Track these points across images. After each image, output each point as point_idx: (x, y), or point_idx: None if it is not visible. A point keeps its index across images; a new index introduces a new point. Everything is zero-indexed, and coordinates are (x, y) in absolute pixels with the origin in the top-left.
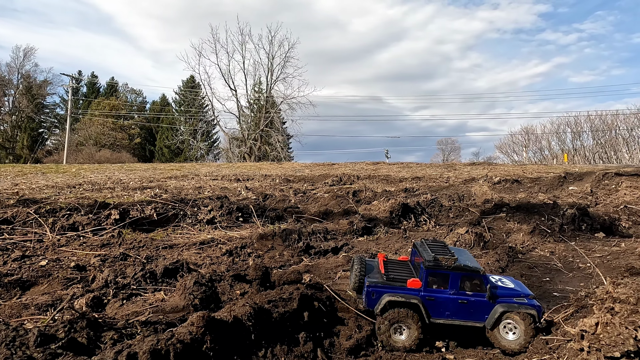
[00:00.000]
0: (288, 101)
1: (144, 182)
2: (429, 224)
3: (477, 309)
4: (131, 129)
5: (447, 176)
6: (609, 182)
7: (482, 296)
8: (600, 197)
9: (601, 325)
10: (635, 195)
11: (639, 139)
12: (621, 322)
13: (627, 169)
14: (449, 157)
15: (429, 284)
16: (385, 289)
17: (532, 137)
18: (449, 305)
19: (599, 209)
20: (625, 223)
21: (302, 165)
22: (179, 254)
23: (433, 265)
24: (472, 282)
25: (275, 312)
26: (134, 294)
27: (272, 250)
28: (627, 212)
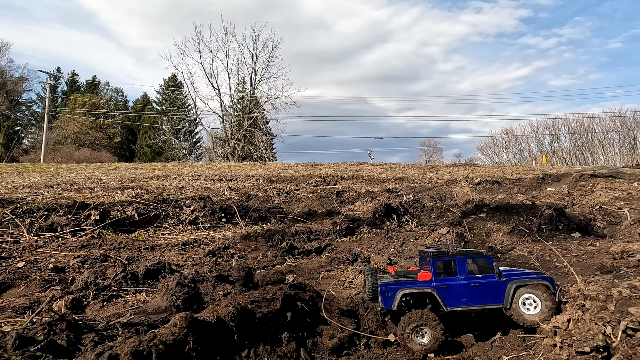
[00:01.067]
0: (272, 101)
1: (125, 182)
2: (412, 224)
3: (491, 290)
4: (111, 128)
5: (430, 177)
6: (585, 183)
7: (492, 277)
8: (576, 198)
9: (573, 321)
10: (610, 196)
11: (613, 141)
12: (591, 318)
13: (602, 171)
14: (432, 158)
15: (438, 273)
16: (398, 285)
17: (512, 139)
18: (462, 291)
19: (576, 209)
20: (600, 223)
21: (286, 165)
22: (161, 254)
23: (437, 254)
24: (479, 265)
25: (259, 313)
26: (115, 296)
27: (256, 250)
28: (601, 213)
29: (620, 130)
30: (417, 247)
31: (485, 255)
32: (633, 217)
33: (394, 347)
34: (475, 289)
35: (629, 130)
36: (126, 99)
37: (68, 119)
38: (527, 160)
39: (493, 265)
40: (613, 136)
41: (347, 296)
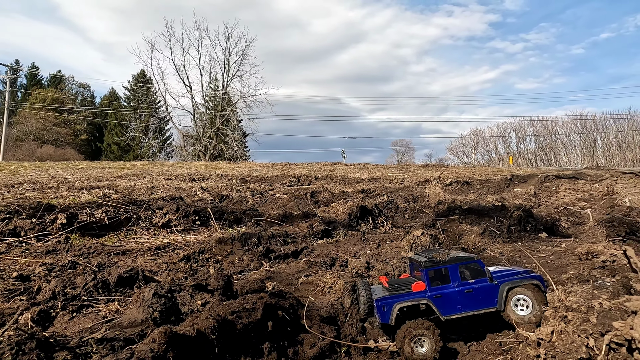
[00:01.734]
0: (245, 99)
1: (92, 181)
2: (386, 226)
3: (484, 294)
4: (77, 124)
5: (402, 177)
6: (550, 184)
7: (484, 281)
8: (542, 198)
9: (556, 333)
10: (573, 197)
11: (575, 143)
12: (574, 330)
13: (566, 172)
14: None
15: (432, 282)
16: (393, 298)
17: (480, 140)
18: (457, 298)
19: (542, 210)
20: (565, 223)
21: (260, 165)
22: (133, 260)
23: (429, 264)
24: (471, 270)
25: (239, 323)
26: (85, 306)
27: (231, 255)
28: (566, 213)
29: (581, 132)
30: (393, 249)
31: (476, 259)
32: (595, 217)
33: (374, 353)
34: (469, 294)
35: (589, 133)
36: (93, 95)
37: (30, 115)
38: (495, 161)
39: (484, 270)
40: (575, 138)
41: (326, 302)
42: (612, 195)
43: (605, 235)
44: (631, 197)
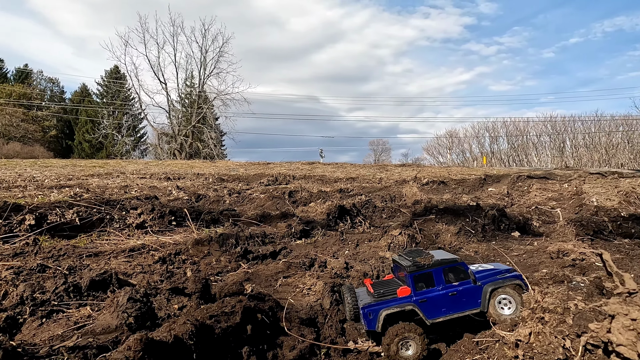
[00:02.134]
0: (222, 97)
1: (62, 180)
2: (364, 226)
3: (468, 296)
4: (46, 121)
5: (380, 177)
6: (522, 184)
7: (468, 283)
8: (515, 198)
9: (534, 334)
10: (544, 196)
11: (545, 144)
12: (551, 331)
13: (537, 172)
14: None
15: (417, 287)
16: (379, 305)
17: (455, 140)
18: (442, 302)
19: (515, 209)
20: (536, 222)
21: (237, 164)
22: (106, 262)
23: (414, 268)
24: (455, 273)
25: (218, 328)
26: (56, 311)
27: (209, 256)
28: (537, 212)
29: (551, 133)
30: (371, 249)
31: (460, 262)
32: (565, 216)
33: (353, 354)
34: (454, 297)
35: (559, 134)
36: (63, 90)
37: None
38: (469, 161)
39: (468, 272)
40: (545, 139)
41: (306, 304)
42: (580, 195)
43: (574, 234)
44: (598, 197)
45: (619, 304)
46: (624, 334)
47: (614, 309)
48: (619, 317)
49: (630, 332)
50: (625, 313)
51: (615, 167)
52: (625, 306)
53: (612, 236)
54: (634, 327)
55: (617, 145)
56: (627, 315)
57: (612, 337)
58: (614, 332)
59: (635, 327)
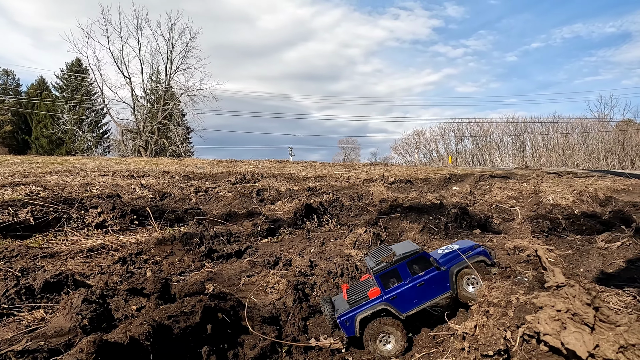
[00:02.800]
0: (189, 93)
1: (17, 177)
2: (331, 224)
3: (437, 283)
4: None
5: (348, 176)
6: (485, 183)
7: (433, 270)
8: (477, 196)
9: (479, 327)
10: (505, 195)
11: (507, 144)
12: (494, 323)
13: (499, 172)
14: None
15: (385, 285)
16: (353, 311)
17: (422, 140)
18: (412, 294)
19: (477, 207)
20: (497, 220)
21: (204, 161)
22: (63, 263)
23: (378, 269)
24: (419, 263)
25: (177, 328)
26: (6, 315)
27: (172, 255)
28: (498, 210)
29: (513, 134)
30: (336, 247)
31: (421, 252)
32: (523, 214)
33: (315, 351)
34: (422, 287)
35: (520, 135)
36: (18, 83)
37: None
38: (436, 160)
39: (430, 259)
40: (507, 140)
41: (268, 302)
42: (538, 194)
43: (530, 231)
44: (554, 196)
45: (547, 297)
46: (549, 324)
47: (542, 301)
48: (546, 308)
49: (555, 322)
50: (552, 305)
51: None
52: (553, 298)
53: (565, 233)
54: (558, 318)
55: (573, 147)
56: (554, 306)
57: (540, 327)
58: (542, 322)
59: (560, 318)
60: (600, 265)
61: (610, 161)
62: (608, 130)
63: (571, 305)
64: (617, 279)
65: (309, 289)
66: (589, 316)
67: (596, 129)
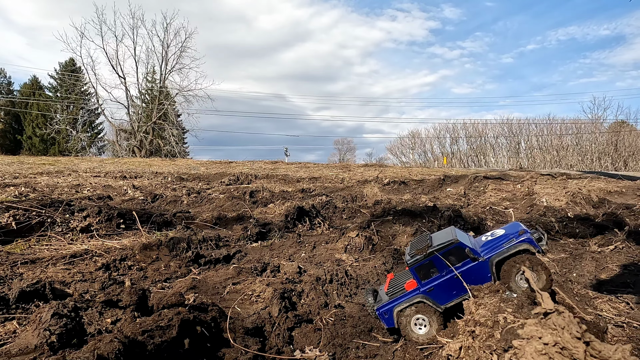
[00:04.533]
0: (184, 93)
1: (6, 178)
2: (323, 227)
3: (475, 274)
4: None
5: (342, 177)
6: (479, 184)
7: (469, 262)
8: (471, 198)
9: (464, 349)
10: (499, 196)
11: (502, 145)
12: (480, 345)
13: (493, 173)
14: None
15: (422, 277)
16: (391, 303)
17: (417, 141)
18: (450, 286)
19: (470, 209)
20: (490, 222)
21: (198, 162)
22: (43, 270)
23: (412, 262)
24: (455, 254)
25: (151, 344)
26: None
27: (157, 261)
28: (491, 212)
29: (508, 135)
30: (327, 251)
31: (456, 243)
32: (517, 216)
33: None
34: (459, 278)
35: (515, 136)
36: (10, 82)
37: None
38: (431, 161)
39: (466, 251)
40: (502, 141)
41: (253, 312)
42: (531, 196)
43: None
44: (548, 197)
45: (535, 326)
46: (536, 358)
47: (529, 331)
48: (533, 340)
49: (542, 357)
50: (539, 336)
51: (566, 168)
52: (540, 328)
53: (558, 236)
54: (545, 352)
55: (567, 148)
56: (541, 338)
57: None
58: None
59: (547, 352)
60: (593, 270)
61: (604, 162)
62: (601, 131)
63: (559, 338)
64: (610, 284)
65: (297, 297)
66: (579, 351)
67: (590, 131)
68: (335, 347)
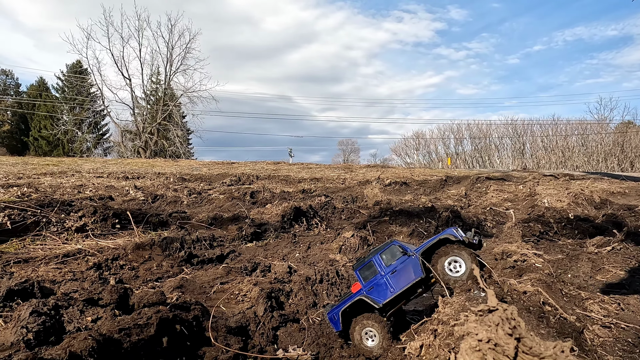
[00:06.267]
0: (189, 94)
1: (11, 178)
2: (320, 228)
3: (408, 268)
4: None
5: (344, 178)
6: (481, 185)
7: (404, 258)
8: (472, 199)
9: (425, 347)
10: (500, 197)
11: (507, 146)
12: (440, 344)
13: (496, 174)
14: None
15: (364, 279)
16: (338, 307)
17: (422, 142)
18: (387, 283)
19: (471, 210)
20: (490, 223)
21: (200, 163)
22: (34, 269)
23: (357, 264)
24: (391, 253)
25: (127, 342)
26: None
27: (150, 261)
28: (492, 213)
29: (512, 136)
30: (322, 252)
31: (392, 242)
32: (518, 217)
33: None
34: (395, 274)
35: (520, 137)
36: (18, 83)
37: None
38: (435, 162)
39: (403, 248)
40: (507, 142)
41: (238, 312)
42: (533, 196)
43: (520, 235)
44: (549, 198)
45: (474, 323)
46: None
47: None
48: (468, 337)
49: (477, 354)
50: (476, 333)
51: (571, 169)
52: (478, 325)
53: (556, 237)
54: (479, 348)
55: (573, 148)
56: (477, 335)
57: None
58: (462, 353)
59: (481, 348)
60: (589, 271)
61: (610, 163)
62: (607, 132)
63: (493, 335)
64: (605, 285)
65: (285, 297)
66: (509, 347)
67: (596, 131)
68: (319, 347)
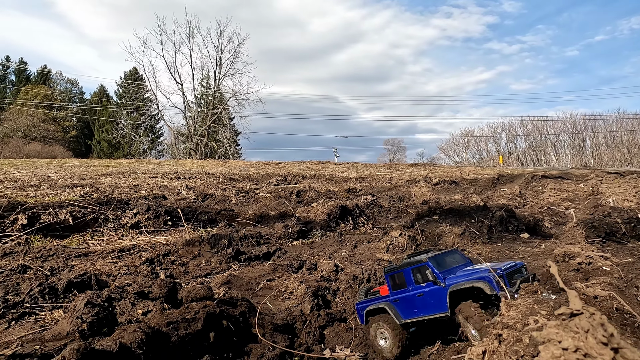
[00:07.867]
0: (236, 97)
1: (75, 179)
2: (367, 227)
3: (434, 298)
4: (65, 121)
5: (390, 177)
6: (536, 184)
7: (431, 284)
8: (527, 198)
9: (488, 353)
10: (558, 196)
11: (565, 143)
12: (506, 350)
13: (553, 172)
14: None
15: (393, 287)
16: (366, 303)
17: (471, 140)
18: (413, 302)
19: (526, 210)
20: (548, 223)
21: (248, 163)
22: (92, 263)
23: (388, 269)
24: (423, 274)
25: (175, 335)
26: (28, 314)
27: (199, 257)
28: (549, 213)
29: (571, 132)
30: (369, 251)
31: (424, 262)
32: (578, 217)
33: None
34: (422, 298)
35: (579, 133)
36: (82, 91)
37: (19, 111)
38: (485, 160)
39: (434, 272)
40: (564, 138)
41: (284, 309)
42: (596, 195)
43: (584, 236)
44: (615, 197)
45: (555, 328)
46: None
47: (547, 334)
48: (550, 345)
49: None
50: (559, 340)
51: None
52: (561, 331)
53: (625, 239)
54: (565, 358)
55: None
56: (560, 342)
57: None
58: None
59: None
60: None
61: None
62: None
63: (582, 343)
64: None
65: (331, 295)
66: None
67: None
68: (367, 348)
